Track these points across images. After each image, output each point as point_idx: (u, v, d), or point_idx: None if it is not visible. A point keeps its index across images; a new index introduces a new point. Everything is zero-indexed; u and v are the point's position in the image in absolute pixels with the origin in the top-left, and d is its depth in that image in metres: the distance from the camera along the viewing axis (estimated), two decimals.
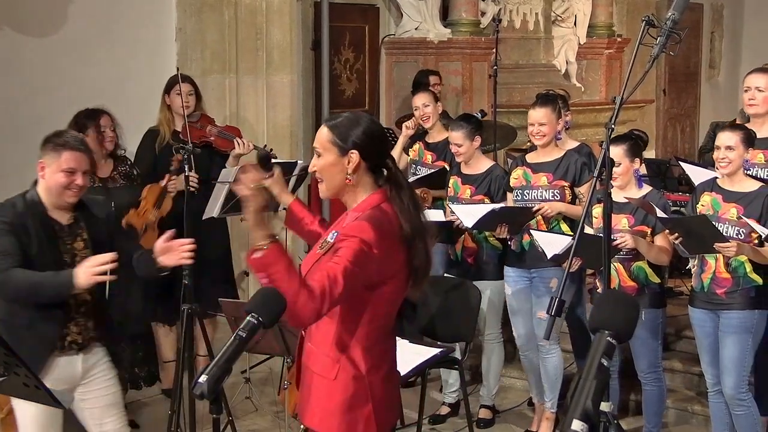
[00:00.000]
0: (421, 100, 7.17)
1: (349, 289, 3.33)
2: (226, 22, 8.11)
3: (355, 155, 3.52)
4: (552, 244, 5.76)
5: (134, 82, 7.56)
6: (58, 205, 4.58)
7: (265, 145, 7.20)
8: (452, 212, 6.36)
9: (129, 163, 6.77)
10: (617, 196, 5.72)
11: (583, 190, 6.12)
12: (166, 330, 7.12)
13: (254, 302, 3.27)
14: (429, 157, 7.14)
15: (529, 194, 6.21)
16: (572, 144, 6.69)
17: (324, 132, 3.59)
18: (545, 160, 6.22)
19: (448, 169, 6.81)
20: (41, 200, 4.57)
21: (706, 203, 5.55)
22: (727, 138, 5.43)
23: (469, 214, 6.16)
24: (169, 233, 4.65)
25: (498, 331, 6.65)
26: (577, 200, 6.16)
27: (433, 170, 6.99)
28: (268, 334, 4.99)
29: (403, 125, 7.34)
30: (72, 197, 4.58)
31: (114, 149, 6.66)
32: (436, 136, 7.17)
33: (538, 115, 6.14)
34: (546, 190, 6.16)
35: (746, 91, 6.01)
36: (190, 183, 6.47)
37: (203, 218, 6.53)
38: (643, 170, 6.14)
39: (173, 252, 4.60)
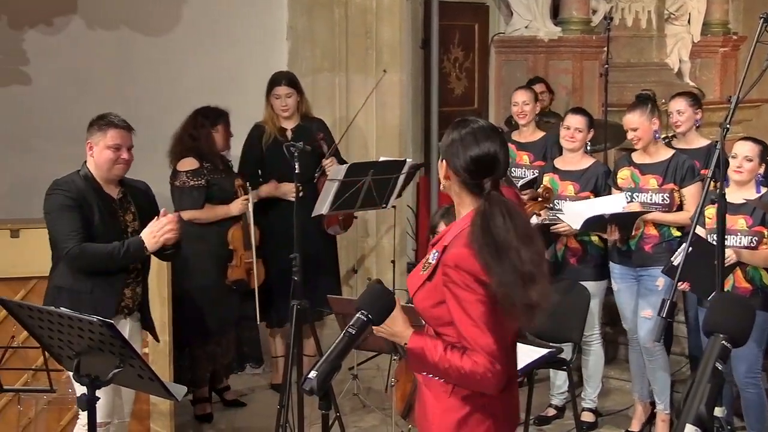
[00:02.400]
0: (521, 97, 7.13)
1: (495, 327, 3.21)
2: (337, 21, 8.16)
3: (443, 164, 3.38)
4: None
5: (246, 80, 7.67)
6: (109, 179, 4.97)
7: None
8: (554, 214, 6.30)
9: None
10: (734, 196, 5.61)
11: (685, 192, 6.03)
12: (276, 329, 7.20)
13: (364, 300, 3.29)
14: (525, 157, 7.01)
15: (638, 197, 6.13)
16: (702, 142, 6.61)
17: None
18: (653, 161, 6.14)
19: None
20: (94, 177, 4.94)
21: None
22: None
23: (575, 216, 6.11)
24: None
25: (598, 332, 6.58)
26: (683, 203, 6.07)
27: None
28: None
29: None
30: (121, 170, 4.99)
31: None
32: (529, 135, 7.08)
33: (628, 120, 6.12)
34: (655, 193, 6.07)
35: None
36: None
37: (312, 215, 6.59)
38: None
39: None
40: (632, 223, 6.06)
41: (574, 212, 6.17)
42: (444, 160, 3.36)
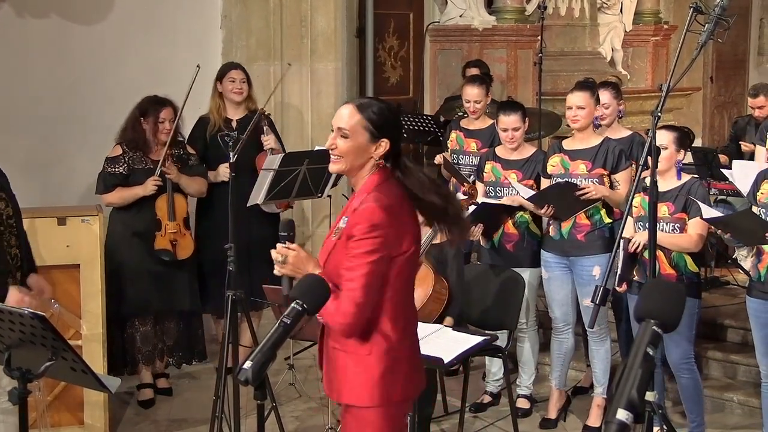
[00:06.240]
0: (472, 96, 7.03)
1: (373, 291, 3.56)
2: (271, 10, 8.12)
3: (385, 143, 3.63)
4: None
5: (180, 70, 7.59)
6: None
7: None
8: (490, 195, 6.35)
9: (183, 145, 6.81)
10: (660, 184, 5.67)
11: (619, 177, 6.08)
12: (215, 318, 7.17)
13: (299, 289, 3.29)
14: (473, 144, 7.06)
15: None
16: (624, 133, 6.61)
17: (356, 116, 3.64)
18: (583, 147, 6.16)
19: None
20: None
21: (765, 191, 5.45)
22: None
23: (524, 189, 6.16)
24: None
25: (533, 319, 6.62)
26: (615, 188, 6.11)
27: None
28: (312, 321, 4.99)
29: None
30: None
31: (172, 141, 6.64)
32: (478, 123, 7.12)
33: (576, 98, 6.11)
34: (585, 179, 6.10)
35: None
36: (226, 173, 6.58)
37: (248, 205, 6.57)
38: (688, 159, 6.07)
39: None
40: (569, 203, 6.06)
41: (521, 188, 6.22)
42: (386, 140, 3.65)
